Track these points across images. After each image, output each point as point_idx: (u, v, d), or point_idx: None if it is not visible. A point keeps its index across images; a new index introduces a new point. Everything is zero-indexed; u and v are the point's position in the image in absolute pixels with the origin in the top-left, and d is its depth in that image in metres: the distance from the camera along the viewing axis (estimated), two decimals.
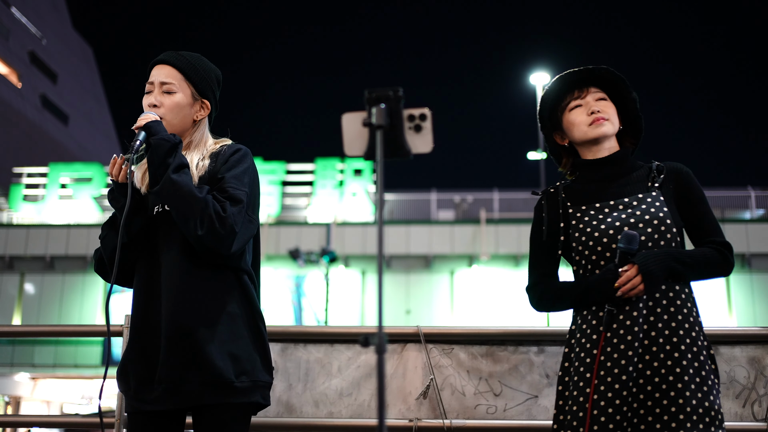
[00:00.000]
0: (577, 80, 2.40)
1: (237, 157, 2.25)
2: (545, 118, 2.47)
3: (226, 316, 2.14)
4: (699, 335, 2.20)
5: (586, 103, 2.37)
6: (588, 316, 2.27)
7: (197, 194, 2.09)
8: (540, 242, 2.43)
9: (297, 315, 22.25)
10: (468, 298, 22.25)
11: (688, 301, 2.22)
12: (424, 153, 1.76)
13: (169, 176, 2.11)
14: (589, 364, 2.19)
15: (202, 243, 2.08)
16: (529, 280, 2.44)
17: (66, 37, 41.24)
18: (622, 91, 2.40)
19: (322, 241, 21.76)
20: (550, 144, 2.51)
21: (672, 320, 2.17)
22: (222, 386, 2.08)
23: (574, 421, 2.16)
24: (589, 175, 2.39)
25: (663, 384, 2.11)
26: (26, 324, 22.18)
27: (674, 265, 2.18)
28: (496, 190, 23.93)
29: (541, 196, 2.47)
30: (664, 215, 2.24)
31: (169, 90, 2.28)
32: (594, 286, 2.23)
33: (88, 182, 23.95)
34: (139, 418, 2.15)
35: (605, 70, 2.38)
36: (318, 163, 23.08)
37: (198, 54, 2.39)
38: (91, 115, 42.58)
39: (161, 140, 2.15)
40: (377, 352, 1.51)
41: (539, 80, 22.28)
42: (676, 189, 2.32)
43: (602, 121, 2.33)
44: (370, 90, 1.69)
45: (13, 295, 23.13)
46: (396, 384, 3.02)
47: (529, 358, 3.00)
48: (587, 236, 2.28)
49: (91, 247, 22.64)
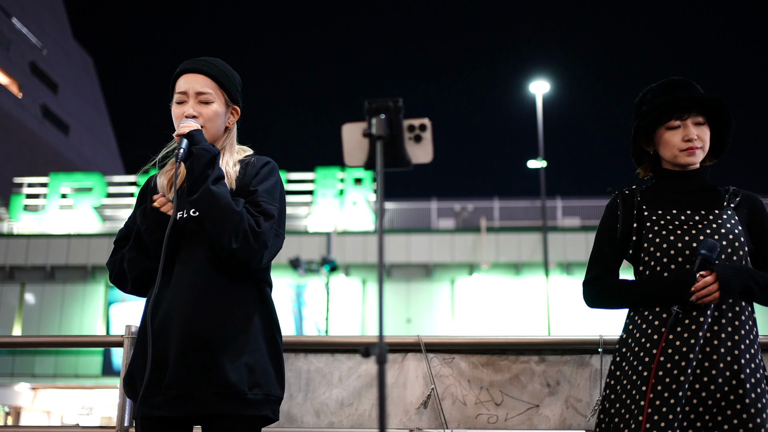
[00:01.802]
0: (682, 104, 2.38)
1: (267, 170, 2.26)
2: (641, 130, 2.45)
3: (245, 326, 2.13)
4: (757, 354, 2.24)
5: (685, 126, 2.38)
6: (649, 316, 2.29)
7: (234, 207, 2.09)
8: (609, 239, 2.45)
9: (297, 324, 22.22)
10: (469, 306, 22.22)
11: (750, 319, 2.27)
12: (424, 163, 1.77)
13: (209, 187, 2.10)
14: (648, 363, 2.22)
15: (234, 256, 2.09)
16: (589, 274, 2.47)
17: (66, 48, 41.34)
18: (724, 117, 2.41)
19: (322, 250, 21.76)
20: (635, 146, 2.51)
21: (735, 333, 2.21)
22: (234, 397, 2.06)
23: (627, 417, 2.19)
24: (667, 184, 2.43)
25: (718, 393, 2.15)
26: (26, 334, 22.14)
27: (750, 283, 2.23)
28: (497, 199, 23.94)
29: (617, 195, 2.49)
30: (739, 233, 2.29)
31: (207, 100, 2.27)
32: (669, 285, 2.26)
33: (89, 192, 23.97)
34: (148, 424, 2.13)
35: (713, 98, 2.37)
36: (318, 172, 23.09)
37: (219, 59, 2.39)
38: (92, 125, 42.64)
39: (203, 150, 2.15)
40: (378, 362, 1.51)
41: (539, 89, 22.30)
42: (750, 215, 2.38)
43: (695, 151, 2.36)
44: (370, 101, 1.70)
45: (13, 305, 23.11)
46: (397, 394, 3.01)
47: (530, 367, 3.00)
48: (662, 239, 2.31)
49: (92, 257, 22.66)
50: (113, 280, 2.31)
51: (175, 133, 2.21)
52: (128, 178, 25.52)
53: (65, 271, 23.17)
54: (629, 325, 2.37)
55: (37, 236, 23.41)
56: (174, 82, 2.33)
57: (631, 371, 2.27)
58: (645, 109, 2.45)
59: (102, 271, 22.80)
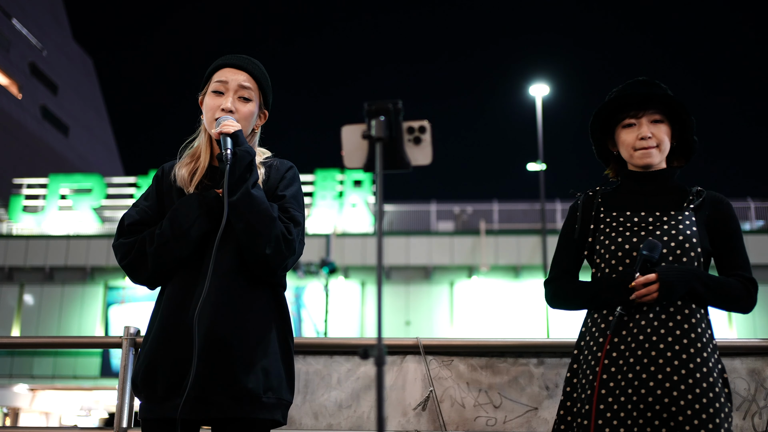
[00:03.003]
0: (635, 100, 2.38)
1: (291, 175, 2.28)
2: (597, 131, 2.48)
3: (262, 330, 2.12)
4: (711, 357, 2.17)
5: (639, 124, 2.36)
6: (598, 318, 2.28)
7: (272, 213, 2.09)
8: (569, 240, 2.45)
9: (296, 326, 22.21)
10: (468, 309, 22.21)
11: (702, 321, 2.22)
12: (423, 165, 1.77)
13: (249, 190, 2.09)
14: (594, 366, 2.21)
15: (265, 261, 2.08)
16: (549, 274, 2.47)
17: (66, 49, 41.34)
18: (681, 114, 2.39)
19: (321, 252, 21.75)
20: (598, 149, 2.52)
21: (684, 337, 2.16)
22: (250, 401, 2.05)
23: (580, 422, 2.18)
24: (631, 185, 2.42)
25: (666, 398, 2.10)
26: (25, 335, 22.13)
27: (697, 286, 2.19)
28: (496, 202, 23.94)
29: (579, 196, 2.49)
30: (690, 234, 2.25)
31: (248, 97, 2.26)
32: (610, 286, 2.25)
33: (88, 193, 23.96)
34: (156, 425, 2.10)
35: (666, 96, 2.36)
36: (318, 174, 23.10)
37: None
38: (91, 127, 42.63)
39: (245, 152, 2.12)
40: (377, 364, 1.51)
41: (538, 91, 22.31)
42: (712, 216, 2.34)
43: (650, 151, 2.34)
44: (370, 102, 1.70)
45: (12, 306, 23.09)
46: (395, 396, 3.01)
47: (528, 370, 2.99)
48: (611, 242, 2.31)
49: (91, 258, 22.65)
50: (126, 264, 2.19)
51: (217, 130, 2.15)
52: (128, 180, 25.51)
53: (64, 272, 23.16)
54: (583, 328, 2.36)
55: (36, 237, 23.40)
56: (211, 73, 2.29)
57: (582, 375, 2.25)
58: (600, 108, 2.45)
59: (101, 272, 22.80)
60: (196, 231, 2.13)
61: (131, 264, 2.18)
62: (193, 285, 2.12)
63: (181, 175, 2.24)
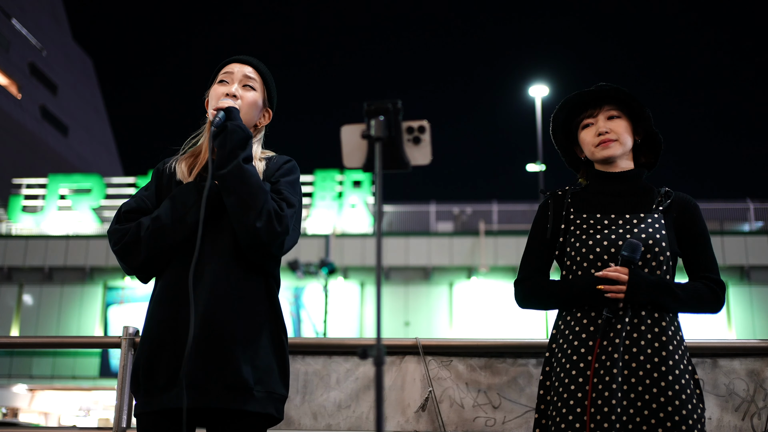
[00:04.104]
0: (589, 99, 2.42)
1: (289, 167, 2.31)
2: (558, 134, 2.51)
3: (252, 322, 2.13)
4: (682, 359, 2.21)
5: (596, 121, 2.40)
6: (571, 321, 2.29)
7: (263, 186, 2.11)
8: (540, 239, 2.44)
9: (295, 327, 22.21)
10: (467, 310, 22.22)
11: (672, 324, 2.24)
12: (422, 165, 1.77)
13: (240, 163, 2.11)
14: (582, 369, 2.20)
15: (257, 236, 2.06)
16: (520, 274, 2.46)
17: (66, 49, 41.37)
18: (636, 108, 2.41)
19: (321, 253, 21.76)
20: (567, 156, 2.55)
21: (655, 340, 2.19)
22: (242, 392, 2.06)
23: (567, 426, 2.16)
24: (599, 186, 2.42)
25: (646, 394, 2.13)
26: (24, 335, 22.12)
27: (664, 299, 2.21)
28: (495, 202, 23.95)
29: (548, 195, 2.49)
30: (660, 237, 2.27)
31: (252, 86, 2.33)
32: (589, 284, 2.24)
33: (88, 193, 23.96)
34: (151, 419, 2.10)
35: (614, 89, 2.39)
36: (317, 175, 23.10)
37: None
38: (91, 127, 42.66)
39: (237, 127, 2.17)
40: (375, 364, 1.51)
41: (538, 92, 22.33)
42: (679, 218, 2.35)
43: (609, 143, 2.36)
44: (369, 102, 1.70)
45: (11, 307, 23.09)
46: (394, 396, 3.01)
47: (528, 370, 2.99)
48: (582, 244, 2.31)
49: (90, 258, 22.65)
50: (119, 249, 2.18)
51: (213, 107, 2.23)
52: (127, 180, 25.53)
53: (63, 273, 23.16)
54: (554, 330, 2.36)
55: (36, 237, 23.40)
56: (218, 70, 2.37)
57: (564, 375, 2.24)
58: (555, 112, 2.48)
59: (100, 272, 22.80)
60: (192, 217, 2.14)
61: (125, 248, 2.17)
62: (181, 278, 2.11)
63: (181, 169, 2.28)
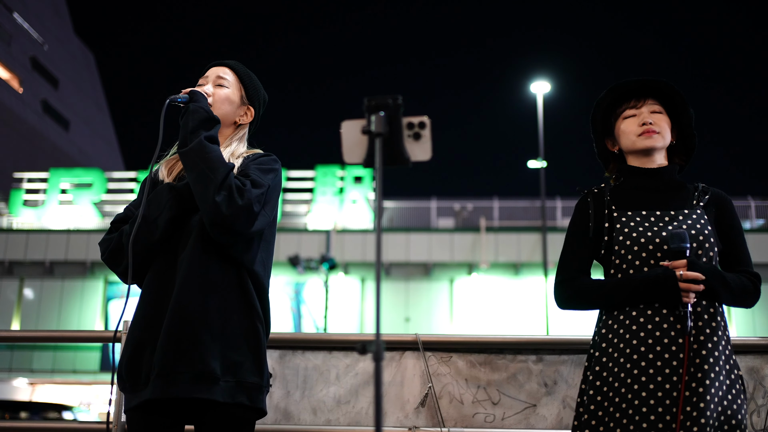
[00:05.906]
0: (635, 90, 2.40)
1: (266, 160, 2.31)
2: (598, 122, 2.48)
3: (223, 312, 2.13)
4: (731, 355, 2.22)
5: (640, 113, 2.37)
6: (626, 319, 2.23)
7: (224, 161, 2.13)
8: (582, 239, 2.38)
9: (296, 322, 22.24)
10: (467, 306, 22.23)
11: (723, 320, 2.23)
12: (423, 161, 1.76)
13: (201, 139, 2.15)
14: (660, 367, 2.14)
15: (218, 210, 2.05)
16: (561, 275, 2.38)
17: (68, 43, 41.34)
18: (679, 106, 2.39)
19: (321, 248, 21.76)
20: (598, 148, 2.52)
21: (714, 335, 2.17)
22: (207, 381, 2.06)
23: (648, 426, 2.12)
24: (635, 182, 2.39)
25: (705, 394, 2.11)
26: (25, 329, 22.16)
27: (717, 285, 2.19)
28: (496, 199, 23.95)
29: (586, 194, 2.44)
30: (709, 233, 2.25)
31: (222, 84, 2.39)
32: (652, 283, 2.18)
33: (89, 188, 23.97)
34: (137, 414, 2.13)
35: (664, 83, 2.38)
36: (318, 170, 23.10)
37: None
38: (92, 121, 42.65)
39: (200, 108, 2.22)
40: (374, 360, 1.51)
41: (540, 89, 22.30)
42: (718, 214, 2.34)
43: (653, 134, 2.33)
44: (370, 98, 1.70)
45: (12, 300, 23.11)
46: (394, 392, 3.01)
47: (527, 366, 2.99)
48: (633, 241, 2.26)
49: (91, 252, 22.66)
50: (107, 257, 2.28)
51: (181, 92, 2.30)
52: (128, 174, 25.54)
53: (64, 267, 23.18)
54: (612, 325, 2.27)
55: (37, 231, 23.42)
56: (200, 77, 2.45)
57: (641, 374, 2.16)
58: (598, 99, 2.46)
59: (101, 267, 22.81)
60: (165, 216, 2.19)
61: (111, 257, 2.27)
62: (168, 272, 2.17)
63: (162, 172, 2.34)
